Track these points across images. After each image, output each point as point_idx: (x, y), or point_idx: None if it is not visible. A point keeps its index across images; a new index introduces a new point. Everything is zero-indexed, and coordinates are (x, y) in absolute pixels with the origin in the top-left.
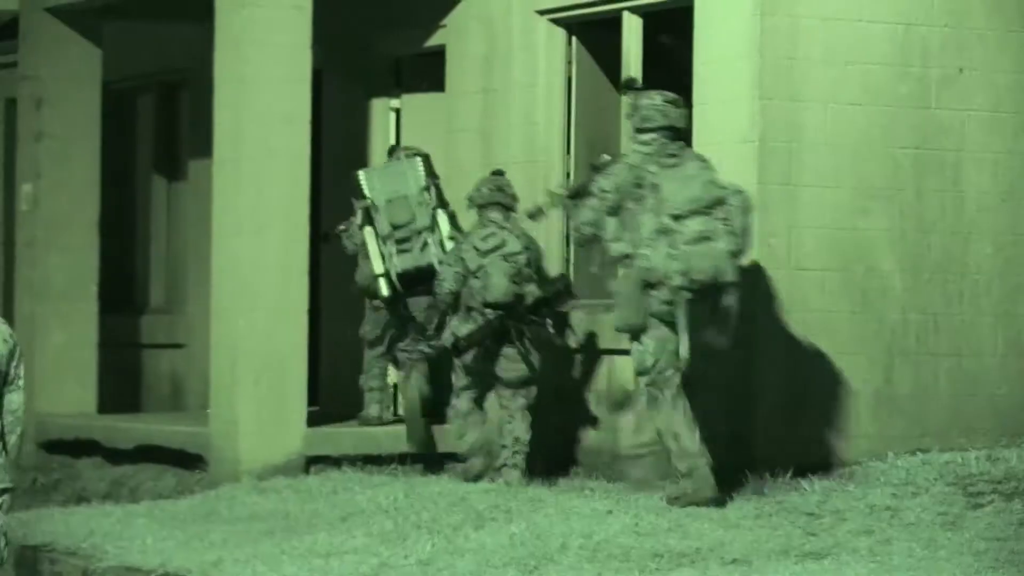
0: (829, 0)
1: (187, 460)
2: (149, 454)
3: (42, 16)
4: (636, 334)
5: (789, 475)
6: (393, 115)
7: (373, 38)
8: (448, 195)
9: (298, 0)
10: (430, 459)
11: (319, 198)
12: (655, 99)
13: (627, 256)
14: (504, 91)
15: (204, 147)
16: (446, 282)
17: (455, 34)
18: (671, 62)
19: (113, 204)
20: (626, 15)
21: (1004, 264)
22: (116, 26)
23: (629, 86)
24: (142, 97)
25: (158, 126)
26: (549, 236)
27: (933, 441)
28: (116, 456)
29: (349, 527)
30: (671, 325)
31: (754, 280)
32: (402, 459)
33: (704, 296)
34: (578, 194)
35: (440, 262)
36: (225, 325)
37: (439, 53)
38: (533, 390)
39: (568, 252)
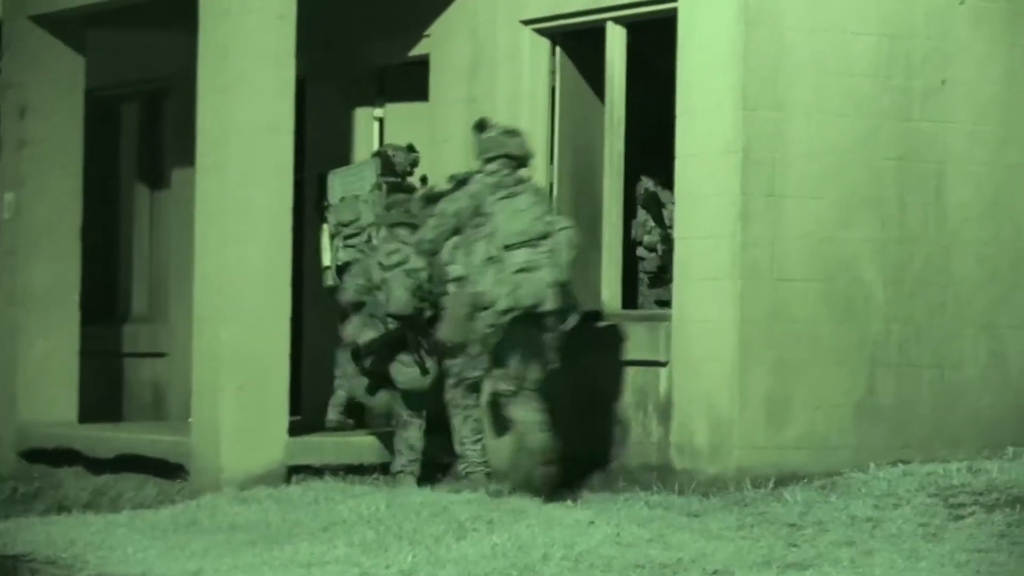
0: (813, 11)
1: (168, 469)
2: (130, 463)
3: (25, 24)
4: (456, 349)
5: (771, 486)
6: (377, 124)
7: (357, 47)
8: None
9: (282, 9)
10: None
11: (302, 207)
12: (492, 132)
13: (460, 278)
14: (488, 101)
15: (188, 156)
16: (347, 292)
17: (439, 43)
18: (655, 72)
19: (96, 212)
20: (610, 25)
21: (986, 275)
22: (100, 34)
23: (480, 127)
24: (126, 105)
25: (141, 134)
26: None
27: (915, 452)
28: (97, 465)
29: (331, 537)
30: (491, 345)
31: (737, 290)
32: (383, 469)
33: (526, 322)
34: (430, 201)
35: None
36: (207, 334)
37: (423, 62)
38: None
39: None
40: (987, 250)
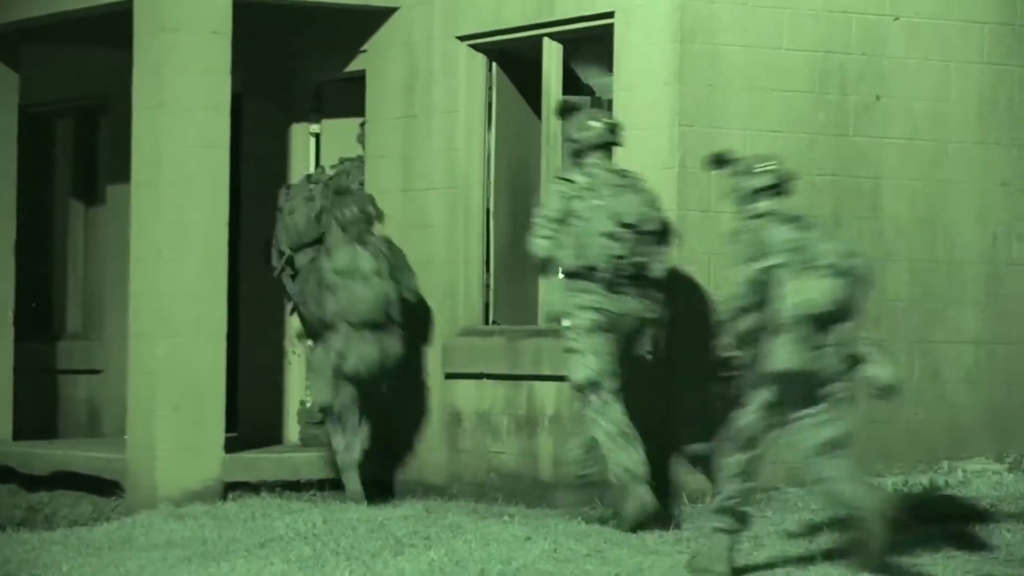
0: (748, 28)
1: (104, 486)
2: (65, 480)
3: None
4: None
5: (708, 501)
6: (313, 140)
7: (293, 63)
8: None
9: (217, 25)
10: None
11: (238, 223)
12: None
13: None
14: (425, 117)
15: (123, 172)
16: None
17: (376, 59)
18: (591, 87)
19: (30, 229)
20: (546, 41)
21: (921, 291)
22: (34, 50)
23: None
24: (61, 121)
25: (77, 151)
26: (468, 263)
27: None
28: (32, 482)
29: (267, 553)
30: None
31: (675, 306)
32: (320, 485)
33: None
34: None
35: None
36: (143, 350)
37: (360, 78)
38: None
39: (488, 278)
40: (921, 265)
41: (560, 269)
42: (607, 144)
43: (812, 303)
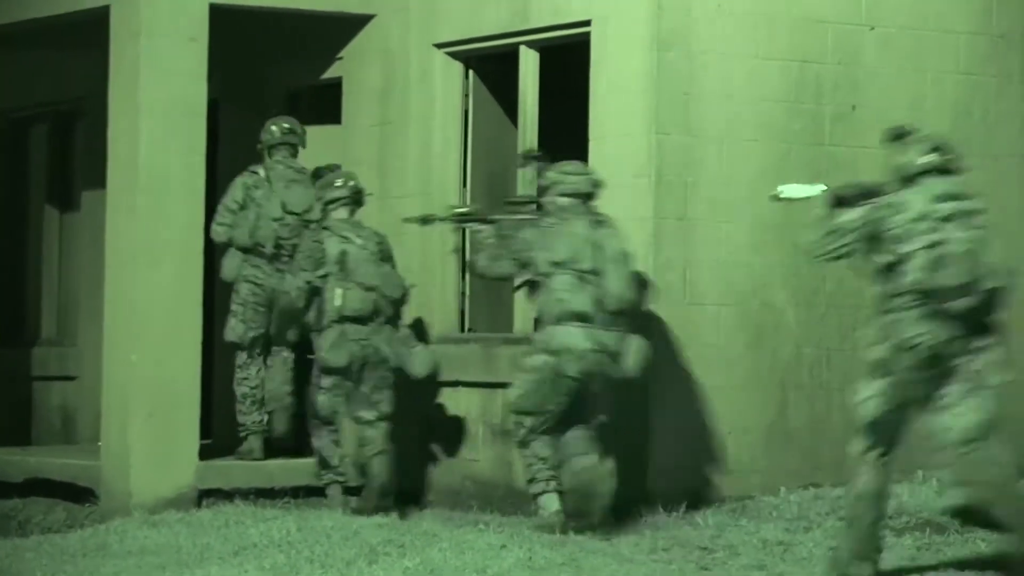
0: (725, 36)
1: (78, 493)
2: (39, 487)
3: None
4: None
5: (683, 509)
6: None
7: (270, 69)
8: None
9: (194, 31)
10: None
11: None
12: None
13: None
14: (401, 124)
15: (98, 178)
16: None
17: (352, 66)
18: (568, 96)
19: (4, 235)
20: (523, 49)
21: None
22: (10, 55)
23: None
24: (36, 127)
25: (52, 156)
26: (445, 270)
27: (826, 475)
28: (5, 489)
29: (241, 561)
30: None
31: (649, 315)
32: (295, 493)
33: None
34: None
35: None
36: (117, 357)
37: (336, 85)
38: None
39: (464, 285)
40: None
41: (237, 246)
42: (286, 143)
43: (343, 309)
